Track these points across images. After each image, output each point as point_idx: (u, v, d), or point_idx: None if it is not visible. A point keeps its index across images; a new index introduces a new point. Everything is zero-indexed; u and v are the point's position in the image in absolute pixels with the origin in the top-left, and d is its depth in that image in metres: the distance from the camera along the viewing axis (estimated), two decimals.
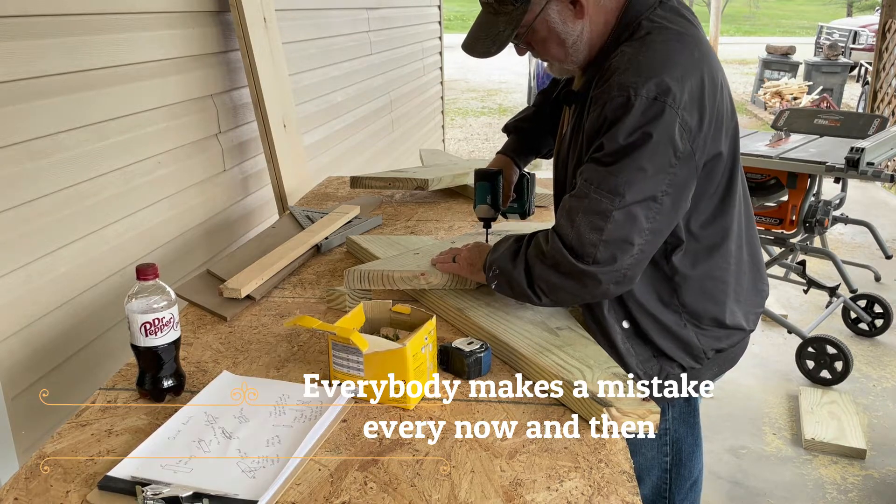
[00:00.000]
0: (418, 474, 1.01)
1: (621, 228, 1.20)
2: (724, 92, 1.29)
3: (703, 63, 1.24)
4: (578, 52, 1.33)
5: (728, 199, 1.34)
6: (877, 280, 4.27)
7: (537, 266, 1.28)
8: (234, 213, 2.65)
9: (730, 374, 1.52)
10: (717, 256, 1.36)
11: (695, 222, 1.32)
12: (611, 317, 1.36)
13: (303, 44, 3.28)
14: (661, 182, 1.19)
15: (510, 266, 1.32)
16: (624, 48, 1.26)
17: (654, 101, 1.17)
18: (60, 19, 1.78)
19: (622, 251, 1.21)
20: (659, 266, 1.32)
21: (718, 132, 1.27)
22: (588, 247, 1.21)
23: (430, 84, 5.99)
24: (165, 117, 2.21)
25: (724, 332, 1.41)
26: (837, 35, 13.38)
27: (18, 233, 1.67)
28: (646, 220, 1.20)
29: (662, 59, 1.21)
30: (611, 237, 1.20)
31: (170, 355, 1.20)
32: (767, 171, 3.29)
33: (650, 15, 1.27)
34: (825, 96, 8.48)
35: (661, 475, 1.54)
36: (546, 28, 1.31)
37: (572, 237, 1.22)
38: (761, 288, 1.49)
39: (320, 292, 1.66)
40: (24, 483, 1.01)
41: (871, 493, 2.53)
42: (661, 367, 1.39)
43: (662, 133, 1.17)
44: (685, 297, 1.35)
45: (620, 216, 1.19)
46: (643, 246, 1.22)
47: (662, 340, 1.37)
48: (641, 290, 1.33)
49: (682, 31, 1.27)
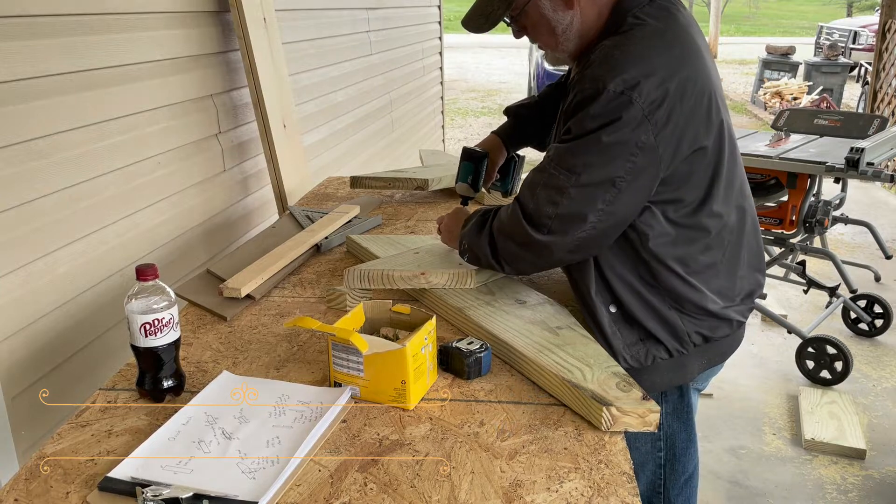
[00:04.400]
0: (418, 475, 1.01)
1: (575, 205, 1.28)
2: (705, 88, 1.30)
3: (683, 60, 1.28)
4: (568, 41, 1.39)
5: (711, 192, 1.36)
6: (877, 280, 4.27)
7: (499, 238, 1.39)
8: (234, 213, 2.65)
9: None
10: (698, 246, 1.37)
11: (676, 214, 1.35)
12: (598, 300, 1.40)
13: (303, 44, 3.28)
14: (620, 168, 1.26)
15: (476, 239, 1.44)
16: (605, 42, 1.31)
17: (620, 94, 1.23)
18: (60, 19, 1.78)
19: (574, 226, 1.30)
20: (637, 251, 1.37)
21: (697, 127, 1.29)
22: (544, 218, 1.31)
23: (430, 84, 5.99)
24: (165, 117, 2.21)
25: (710, 321, 1.42)
26: (837, 35, 13.38)
27: (18, 233, 1.67)
28: (601, 202, 1.27)
29: (637, 55, 1.26)
30: (565, 211, 1.29)
31: (170, 355, 1.20)
32: (767, 171, 3.29)
33: (637, 11, 1.32)
34: (825, 96, 8.48)
35: (656, 470, 1.55)
36: (537, 13, 1.37)
37: (531, 208, 1.32)
38: (756, 281, 1.50)
39: (320, 292, 1.66)
40: (24, 484, 1.01)
41: (871, 493, 2.53)
42: (648, 351, 1.40)
43: (624, 124, 1.23)
44: (665, 282, 1.38)
45: (576, 193, 1.28)
46: (596, 224, 1.29)
47: (649, 322, 1.39)
48: (625, 272, 1.38)
49: (664, 28, 1.30)
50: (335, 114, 3.74)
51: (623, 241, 1.36)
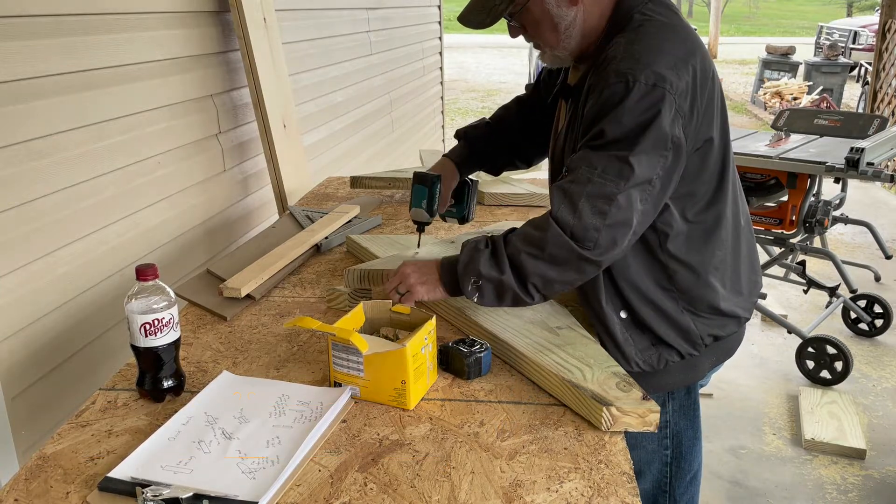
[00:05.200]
0: (418, 475, 1.01)
1: (623, 211, 1.22)
2: (714, 80, 1.32)
3: (695, 52, 1.28)
4: (570, 39, 1.35)
5: (721, 187, 1.36)
6: (877, 280, 4.27)
7: (529, 263, 1.25)
8: (234, 213, 2.65)
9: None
10: (712, 243, 1.37)
11: (690, 210, 1.34)
12: (609, 307, 1.38)
13: (303, 44, 3.28)
14: (657, 166, 1.23)
15: (495, 272, 1.27)
16: (618, 39, 1.29)
17: (653, 87, 1.20)
18: (60, 19, 1.78)
19: (622, 234, 1.23)
20: (655, 253, 1.35)
21: (709, 119, 1.30)
22: (591, 231, 1.22)
23: (430, 84, 5.99)
24: (165, 117, 2.21)
25: (721, 320, 1.42)
26: (837, 35, 13.37)
27: (18, 233, 1.67)
28: (640, 202, 1.23)
29: (657, 48, 1.24)
30: (614, 220, 1.22)
31: (170, 356, 1.20)
32: (767, 171, 3.29)
33: (642, 8, 1.31)
34: (825, 96, 8.48)
35: (662, 469, 1.55)
36: (540, 9, 1.33)
37: (574, 222, 1.22)
38: (755, 278, 1.51)
39: (320, 292, 1.66)
40: (24, 484, 1.01)
41: (871, 493, 2.53)
42: (660, 356, 1.40)
43: (661, 119, 1.20)
44: (681, 283, 1.37)
45: (623, 199, 1.21)
46: (636, 228, 1.25)
47: (661, 327, 1.38)
48: (640, 276, 1.36)
49: (674, 23, 1.31)
50: (335, 114, 3.74)
51: (638, 246, 1.33)
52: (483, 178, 2.42)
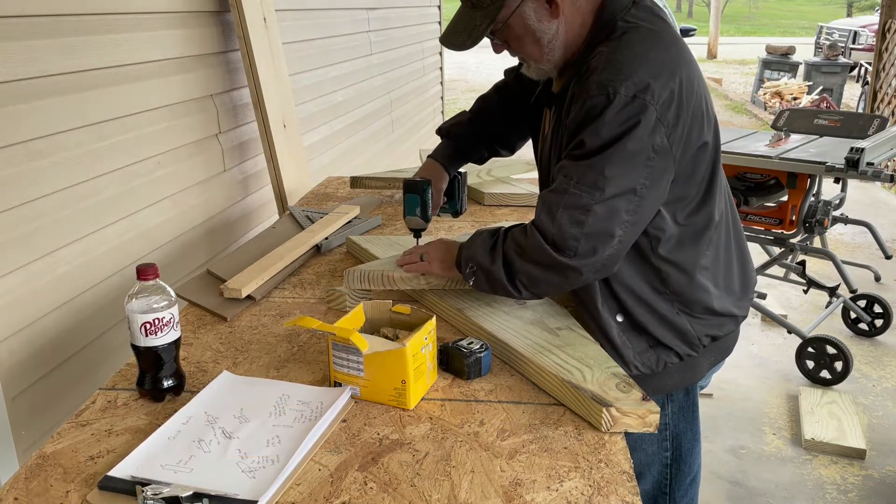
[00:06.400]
0: (418, 474, 1.01)
1: (602, 221, 1.22)
2: (701, 85, 1.31)
3: (680, 59, 1.27)
4: (554, 52, 1.35)
5: (711, 187, 1.37)
6: (877, 280, 4.27)
7: (517, 261, 1.30)
8: (234, 213, 2.65)
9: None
10: (702, 243, 1.37)
11: (681, 213, 1.34)
12: (605, 311, 1.38)
13: (303, 44, 3.28)
14: (640, 175, 1.22)
15: (488, 261, 1.33)
16: (601, 48, 1.28)
17: (633, 98, 1.20)
18: (60, 19, 1.78)
19: (603, 243, 1.24)
20: (647, 258, 1.35)
21: (700, 123, 1.30)
22: (570, 240, 1.23)
23: (430, 84, 5.99)
24: (165, 117, 2.21)
25: (717, 320, 1.42)
26: (837, 35, 13.38)
27: (18, 233, 1.67)
28: (626, 213, 1.23)
29: (640, 57, 1.24)
30: (592, 230, 1.23)
31: (170, 355, 1.20)
32: (767, 171, 3.29)
33: (625, 15, 1.30)
34: (825, 96, 8.48)
35: (662, 470, 1.55)
36: (522, 25, 1.32)
37: (553, 231, 1.24)
38: (748, 275, 1.51)
39: (320, 292, 1.66)
40: (24, 483, 1.01)
41: (870, 493, 2.53)
42: (659, 358, 1.40)
43: (642, 129, 1.20)
44: (674, 286, 1.37)
45: (601, 210, 1.22)
46: (622, 237, 1.25)
47: (658, 329, 1.38)
48: (633, 280, 1.36)
49: (658, 30, 1.29)
50: (335, 114, 3.74)
51: (630, 250, 1.33)
52: (483, 179, 2.42)
